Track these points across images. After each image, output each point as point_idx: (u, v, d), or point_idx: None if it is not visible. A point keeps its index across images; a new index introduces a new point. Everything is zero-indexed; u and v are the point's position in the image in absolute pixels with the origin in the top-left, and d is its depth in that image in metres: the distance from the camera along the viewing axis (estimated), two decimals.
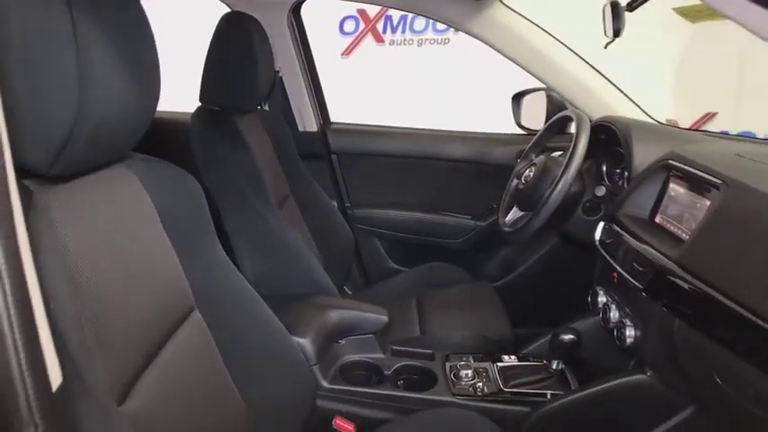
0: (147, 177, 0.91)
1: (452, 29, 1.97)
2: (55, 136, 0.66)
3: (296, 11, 2.11)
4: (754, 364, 0.85)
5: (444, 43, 3.77)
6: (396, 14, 3.85)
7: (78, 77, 0.66)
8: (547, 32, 1.81)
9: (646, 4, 1.47)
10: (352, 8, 3.89)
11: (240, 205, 1.54)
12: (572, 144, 1.40)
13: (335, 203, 2.22)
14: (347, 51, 3.97)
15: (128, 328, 0.79)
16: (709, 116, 3.21)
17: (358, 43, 3.95)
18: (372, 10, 3.87)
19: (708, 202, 1.08)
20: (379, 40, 3.93)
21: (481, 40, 1.84)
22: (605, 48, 1.56)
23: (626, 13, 1.51)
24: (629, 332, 1.22)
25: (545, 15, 1.84)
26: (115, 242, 0.81)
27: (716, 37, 2.69)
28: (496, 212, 1.74)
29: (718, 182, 1.04)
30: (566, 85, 1.80)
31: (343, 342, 1.51)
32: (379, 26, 3.91)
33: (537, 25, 1.82)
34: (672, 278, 1.05)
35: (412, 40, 3.87)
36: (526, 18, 1.82)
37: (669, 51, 3.19)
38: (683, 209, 1.18)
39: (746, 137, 1.78)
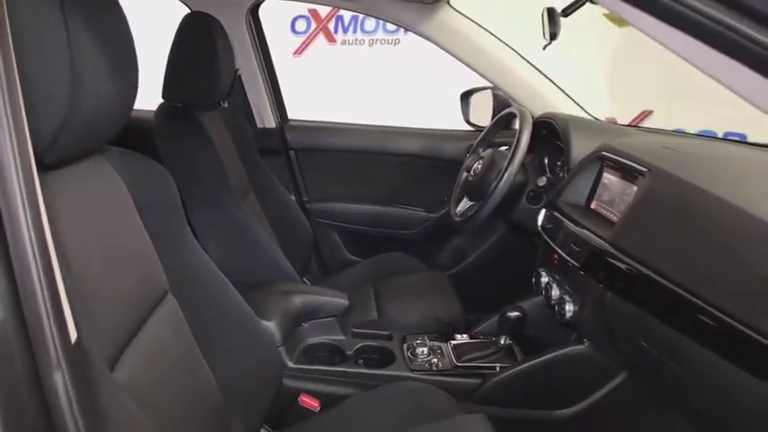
0: (123, 168, 0.97)
1: (402, 30, 2.05)
2: (50, 126, 0.72)
3: (254, 11, 2.16)
4: (672, 325, 0.98)
5: (395, 44, 3.83)
6: (347, 15, 3.88)
7: (71, 73, 0.72)
8: (492, 35, 1.92)
9: (581, 10, 1.58)
10: (304, 8, 3.91)
11: (205, 198, 1.59)
12: (516, 139, 1.50)
13: (293, 197, 2.28)
14: (299, 50, 3.99)
15: (109, 312, 0.84)
16: (646, 114, 3.37)
17: (310, 43, 3.98)
18: (324, 10, 3.89)
19: (636, 188, 1.21)
20: (331, 39, 3.96)
21: (431, 41, 1.94)
22: (543, 49, 1.66)
23: (563, 18, 1.61)
24: (569, 307, 1.34)
25: (491, 18, 1.95)
26: (97, 229, 0.87)
27: (647, 39, 2.85)
28: (448, 204, 1.83)
29: (644, 170, 1.17)
30: (510, 84, 1.90)
31: (306, 325, 1.57)
32: (331, 26, 3.93)
33: (483, 28, 1.92)
34: (604, 256, 1.17)
35: (363, 40, 3.91)
36: (473, 21, 1.92)
37: (607, 53, 3.36)
38: (615, 195, 1.30)
39: (675, 132, 1.92)
